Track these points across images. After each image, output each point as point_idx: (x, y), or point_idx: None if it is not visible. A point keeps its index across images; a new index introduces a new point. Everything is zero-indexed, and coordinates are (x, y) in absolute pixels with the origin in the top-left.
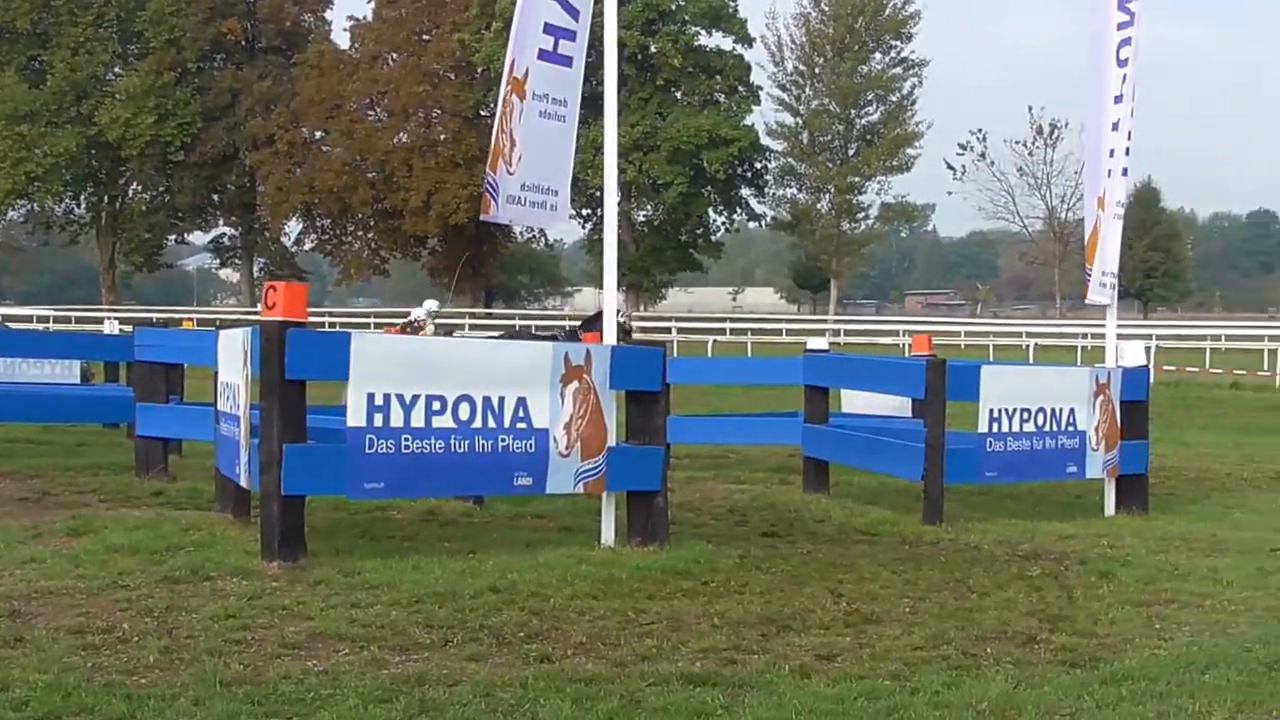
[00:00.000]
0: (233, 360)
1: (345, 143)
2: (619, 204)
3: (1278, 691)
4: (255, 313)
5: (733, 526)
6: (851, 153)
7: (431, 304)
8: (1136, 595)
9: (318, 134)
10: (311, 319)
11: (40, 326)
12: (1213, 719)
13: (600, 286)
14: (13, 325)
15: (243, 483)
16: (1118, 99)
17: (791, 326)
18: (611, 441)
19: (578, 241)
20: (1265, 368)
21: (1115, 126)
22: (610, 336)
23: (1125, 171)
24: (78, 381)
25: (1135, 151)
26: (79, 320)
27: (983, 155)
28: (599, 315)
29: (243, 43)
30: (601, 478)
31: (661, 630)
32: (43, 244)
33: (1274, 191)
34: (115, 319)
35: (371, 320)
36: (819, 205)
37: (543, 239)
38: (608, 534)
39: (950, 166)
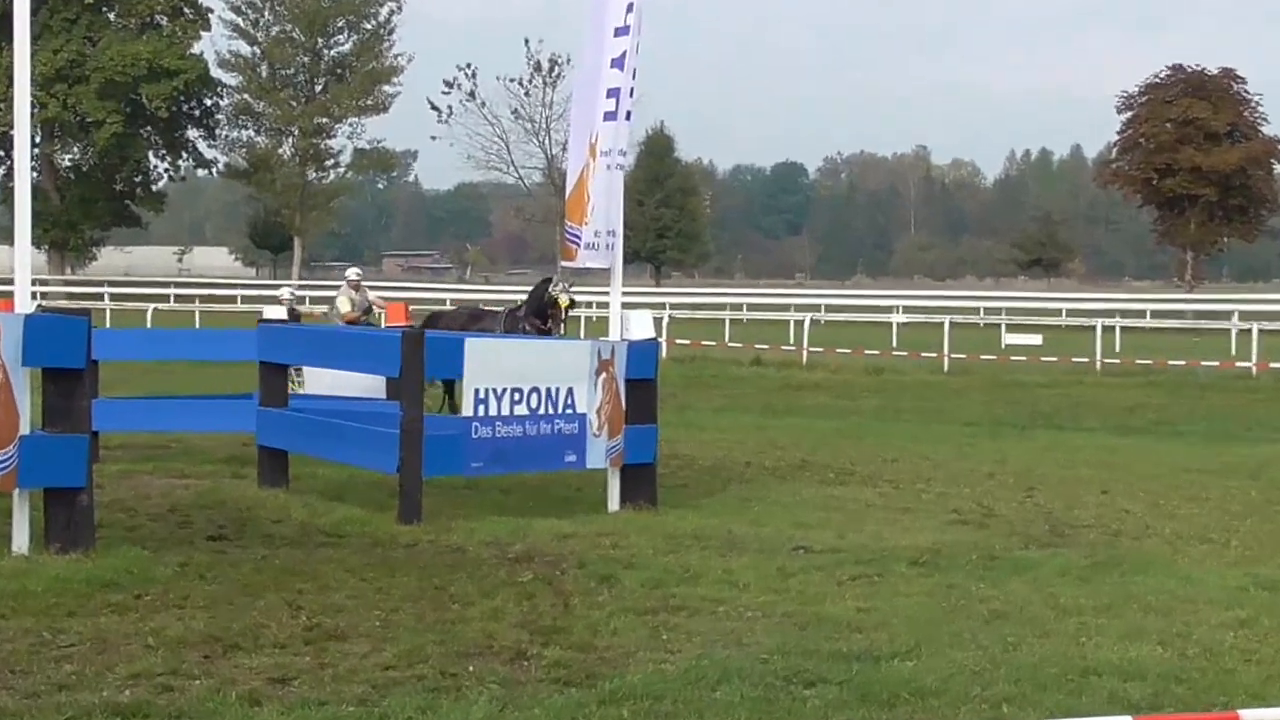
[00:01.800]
0: None
1: None
2: (38, 146)
3: (794, 708)
4: None
5: (174, 529)
6: (319, 89)
7: None
8: (641, 602)
9: None
10: None
11: None
12: None
13: (11, 244)
14: None
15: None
16: (620, 30)
17: (249, 293)
18: (24, 429)
19: None
20: (790, 341)
21: (618, 63)
22: (24, 300)
23: (629, 116)
24: None
25: (645, 97)
26: None
27: (472, 95)
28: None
29: None
30: (11, 472)
31: (84, 653)
32: None
33: (799, 141)
34: None
35: None
36: (281, 150)
37: None
38: (20, 539)
39: (435, 107)
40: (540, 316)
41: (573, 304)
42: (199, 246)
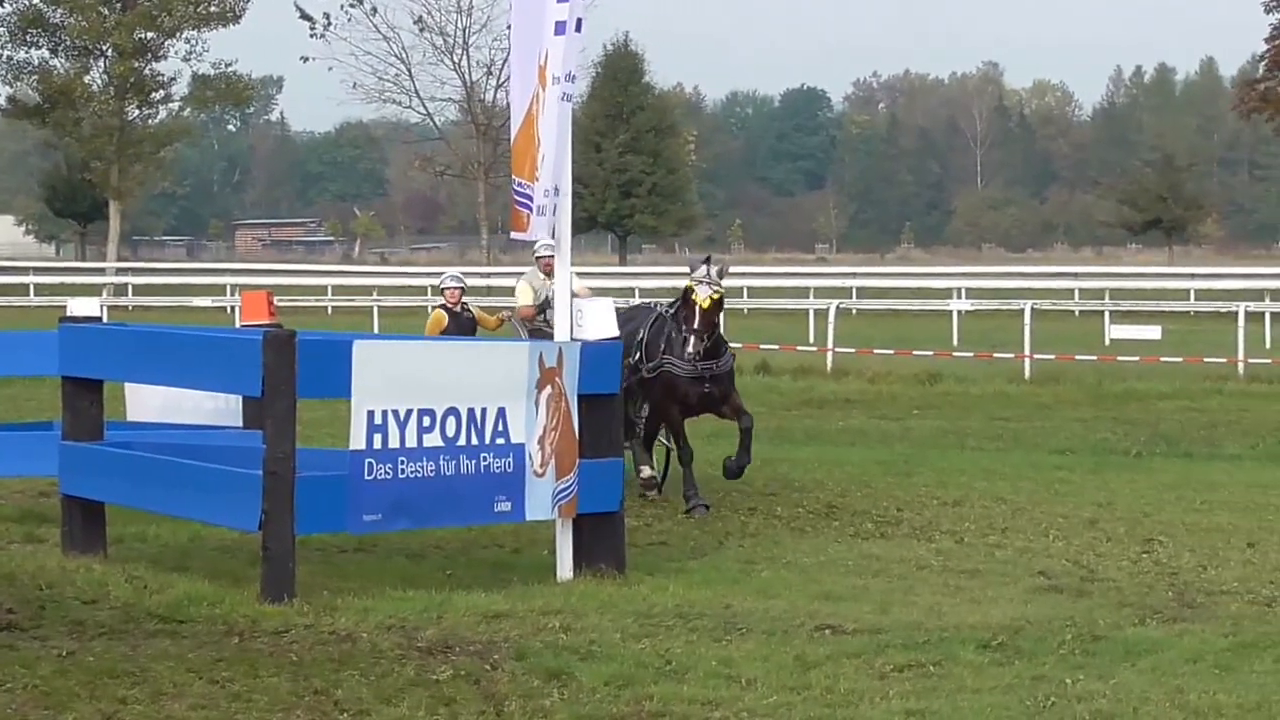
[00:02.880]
0: None
1: None
2: None
3: None
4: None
5: None
6: None
7: None
8: (605, 708)
9: None
10: None
11: None
12: None
13: None
14: None
15: None
16: None
17: (45, 280)
18: None
19: None
20: (809, 340)
21: None
22: None
23: (579, 25)
24: None
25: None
26: None
27: None
28: None
29: None
30: None
31: None
32: None
33: (820, 59)
34: None
35: None
36: (88, 79)
37: None
38: None
39: (306, 16)
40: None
41: (718, 302)
42: None
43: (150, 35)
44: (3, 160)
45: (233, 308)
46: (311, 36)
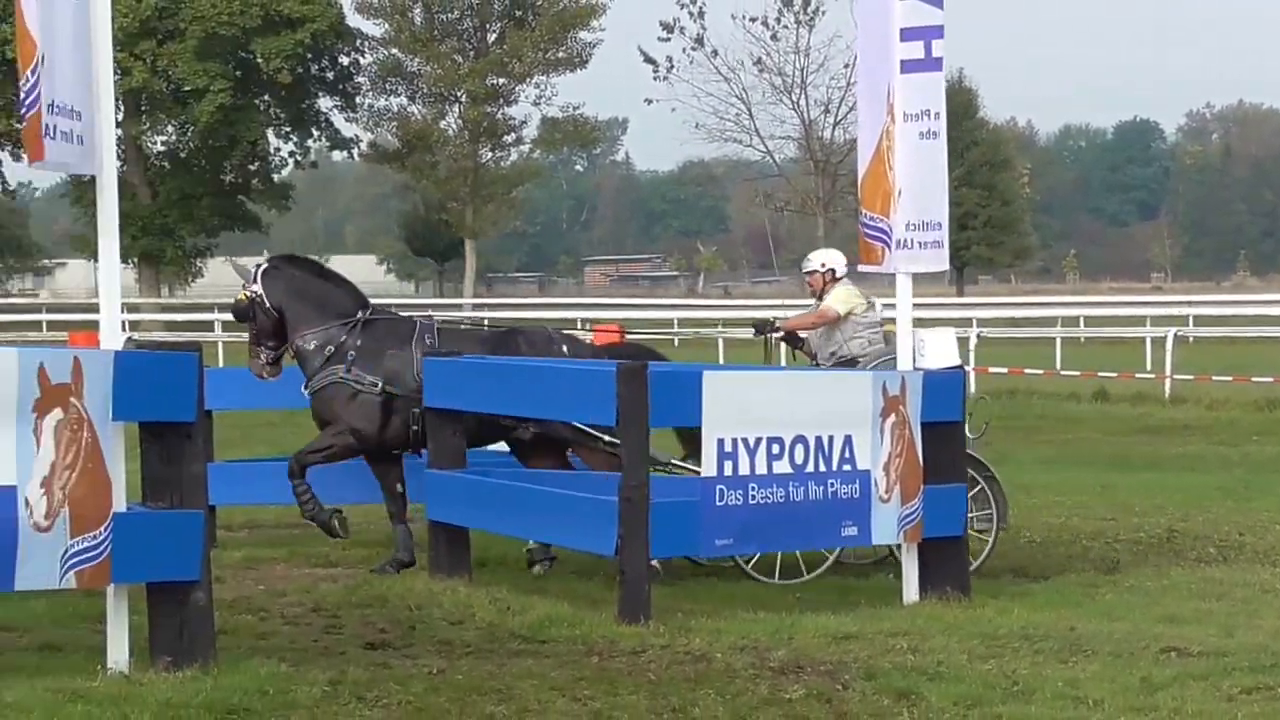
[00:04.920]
0: None
1: None
2: (119, 125)
3: None
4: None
5: (319, 635)
6: (493, 39)
7: None
8: None
9: None
10: None
11: None
12: None
13: (95, 259)
14: None
15: None
16: None
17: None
18: (118, 505)
19: (56, 188)
20: (1147, 367)
21: None
22: (112, 332)
23: (939, 63)
24: None
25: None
26: None
27: (700, 41)
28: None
29: None
30: (103, 563)
31: None
32: None
33: (1152, 91)
34: None
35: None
36: (444, 123)
37: None
38: (117, 652)
39: (650, 60)
40: None
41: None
42: (337, 255)
43: (502, 81)
44: (364, 203)
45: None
46: (655, 79)
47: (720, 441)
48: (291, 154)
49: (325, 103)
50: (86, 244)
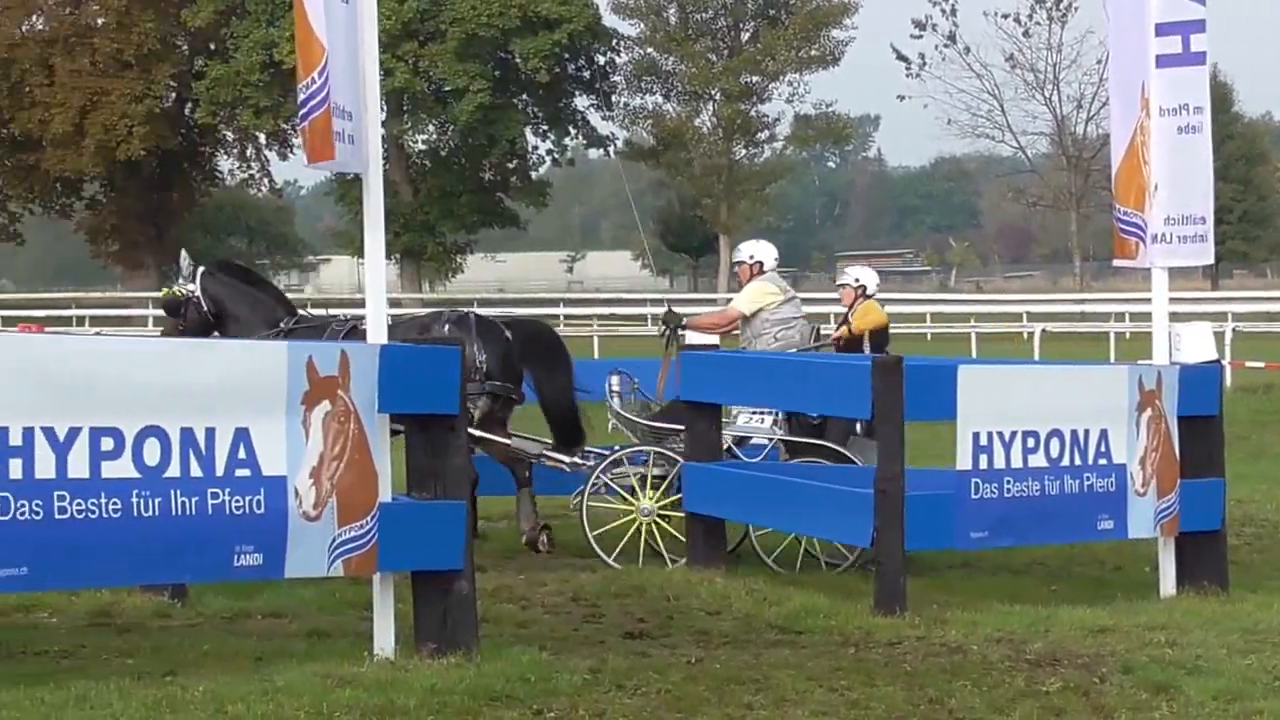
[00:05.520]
0: None
1: None
2: (383, 125)
3: None
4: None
5: (578, 623)
6: (746, 38)
7: None
8: None
9: None
10: None
11: None
12: None
13: (359, 255)
14: None
15: None
16: None
17: (661, 310)
18: (384, 495)
19: (321, 185)
20: None
21: None
22: (379, 326)
23: (1199, 57)
24: None
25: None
26: None
27: (952, 39)
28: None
29: None
30: (370, 551)
31: None
32: None
33: None
34: None
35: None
36: (698, 121)
37: (265, 184)
38: (383, 639)
39: (902, 57)
40: None
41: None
42: (593, 251)
43: (755, 79)
44: (620, 200)
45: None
46: (907, 76)
47: (975, 435)
48: (549, 152)
49: (582, 101)
50: (350, 241)
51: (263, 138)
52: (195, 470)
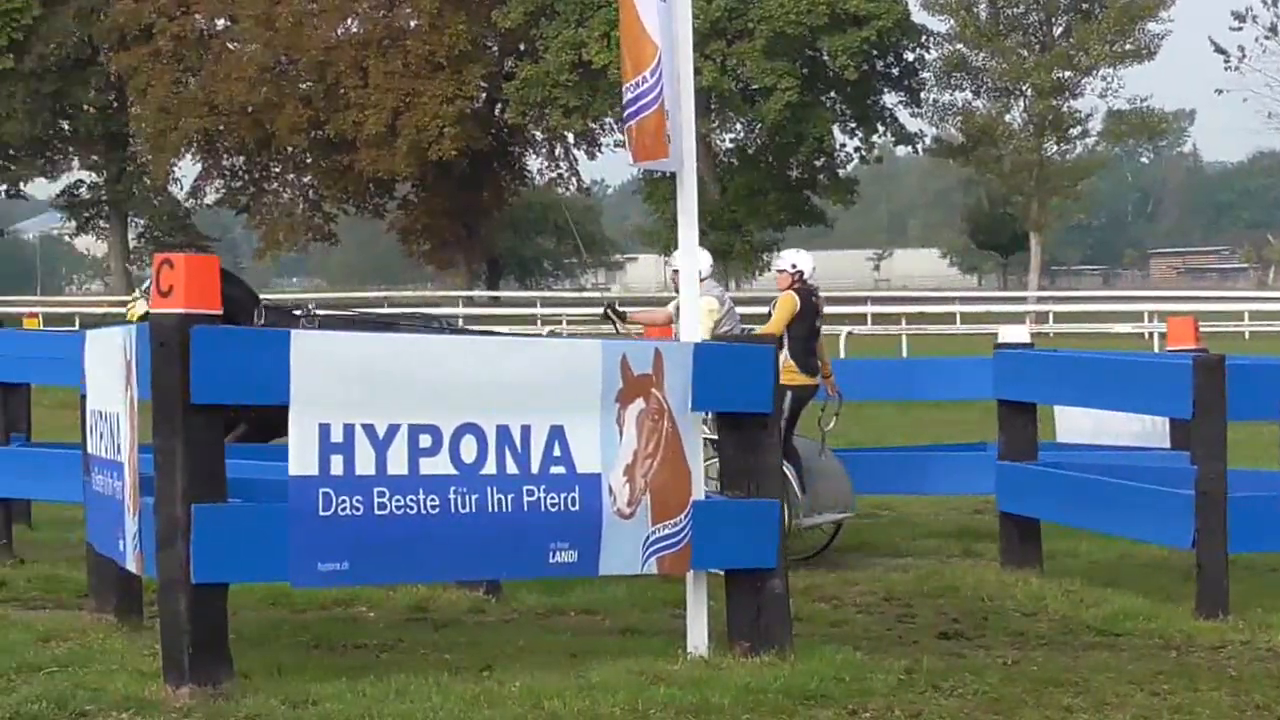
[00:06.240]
0: (108, 377)
1: (262, 35)
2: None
3: None
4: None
5: (892, 623)
6: (1059, 32)
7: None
8: None
9: (219, 22)
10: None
11: None
12: None
13: (666, 252)
14: None
15: (130, 565)
16: None
17: (970, 309)
18: (697, 493)
19: (628, 184)
20: None
21: None
22: (693, 330)
23: None
24: None
25: None
26: None
27: (1274, 30)
28: None
29: None
30: (683, 549)
31: None
32: None
33: None
34: None
35: (317, 311)
36: (1007, 117)
37: (573, 183)
38: (696, 637)
39: (1220, 50)
40: None
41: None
42: (900, 249)
43: (1067, 74)
44: (927, 197)
45: (1151, 334)
46: (1225, 69)
47: None
48: (857, 149)
49: (890, 98)
50: (657, 239)
51: (571, 137)
52: (511, 467)
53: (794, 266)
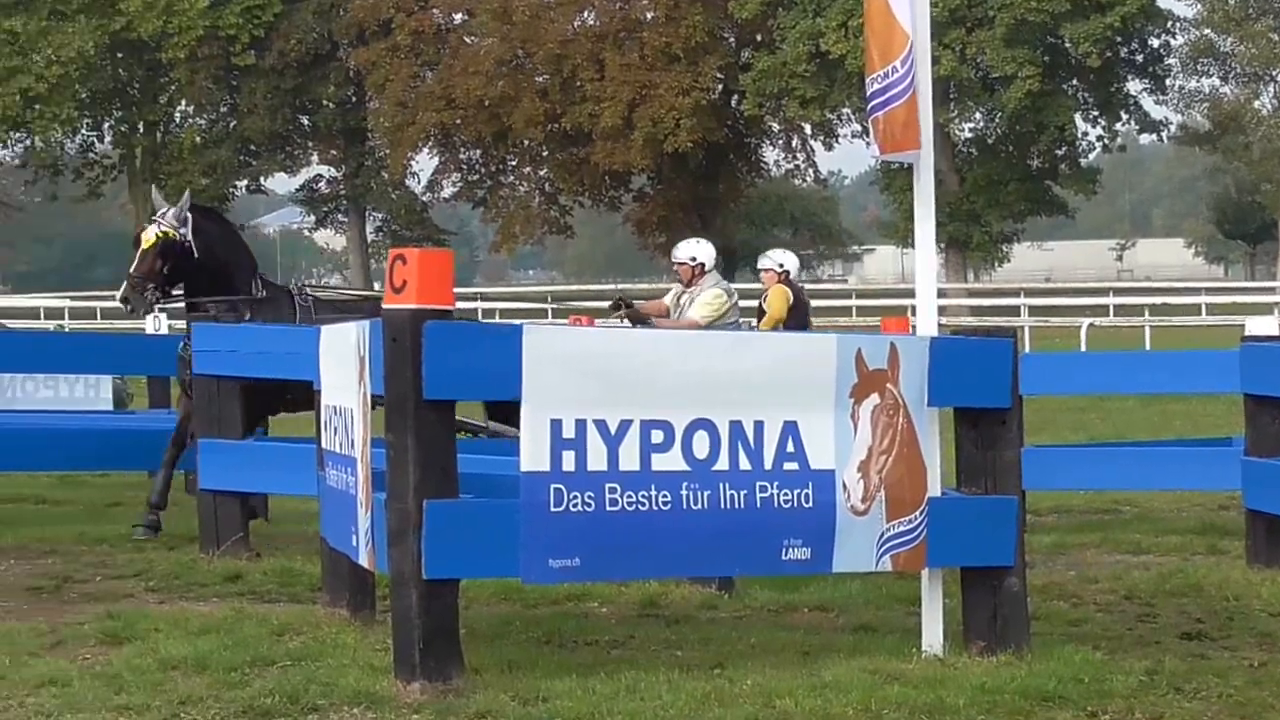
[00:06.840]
0: (341, 372)
1: (499, 28)
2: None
3: None
4: (374, 296)
5: (1132, 623)
6: None
7: None
8: None
9: (456, 17)
10: (460, 306)
11: (50, 325)
12: None
13: (904, 245)
14: (10, 324)
15: (362, 560)
16: None
17: (1216, 300)
18: (933, 490)
19: (865, 175)
20: None
21: None
22: (929, 318)
23: None
24: (109, 408)
25: None
26: (106, 314)
27: None
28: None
29: None
30: (919, 547)
31: None
32: (50, 198)
33: None
34: (162, 311)
35: (550, 306)
36: (1256, 103)
37: (810, 174)
38: (931, 636)
39: None
40: None
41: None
42: (1144, 239)
43: None
44: (1172, 185)
45: None
46: None
47: None
48: (1099, 138)
49: (1134, 86)
50: (895, 230)
51: (808, 128)
52: (744, 463)
53: (781, 266)
